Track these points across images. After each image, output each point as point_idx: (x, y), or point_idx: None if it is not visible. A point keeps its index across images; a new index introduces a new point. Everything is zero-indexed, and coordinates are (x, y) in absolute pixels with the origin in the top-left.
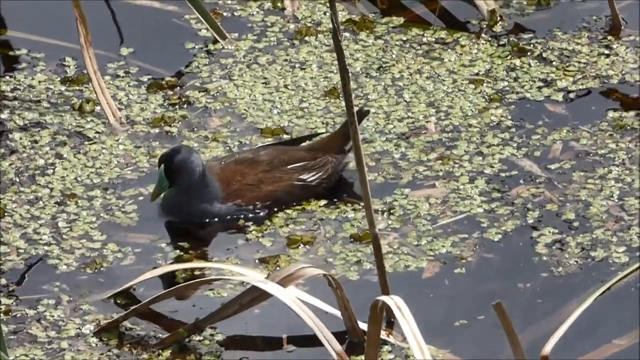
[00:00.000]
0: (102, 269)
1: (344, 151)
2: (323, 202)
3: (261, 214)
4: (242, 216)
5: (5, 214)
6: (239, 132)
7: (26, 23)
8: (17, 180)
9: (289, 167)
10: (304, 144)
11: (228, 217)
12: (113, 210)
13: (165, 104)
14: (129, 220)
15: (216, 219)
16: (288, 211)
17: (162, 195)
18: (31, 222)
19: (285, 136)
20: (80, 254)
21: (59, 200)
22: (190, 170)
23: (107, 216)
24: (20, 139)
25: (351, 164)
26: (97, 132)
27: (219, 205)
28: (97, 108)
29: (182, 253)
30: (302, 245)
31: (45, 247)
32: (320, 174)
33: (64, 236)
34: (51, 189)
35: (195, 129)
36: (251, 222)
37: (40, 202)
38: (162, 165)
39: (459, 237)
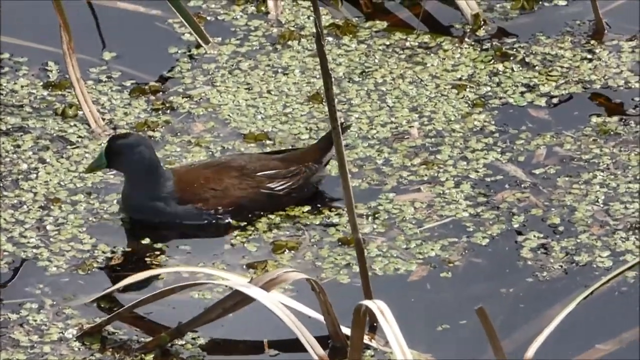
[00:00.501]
0: (93, 270)
1: (320, 163)
2: (306, 207)
3: (226, 220)
4: (205, 221)
5: None
6: (222, 138)
7: (9, 27)
8: (0, 184)
9: (258, 174)
10: (280, 154)
11: (188, 220)
12: (100, 214)
13: (148, 109)
14: (112, 224)
15: (177, 221)
16: (271, 216)
17: (97, 172)
18: (16, 227)
19: (268, 141)
20: (70, 256)
21: (43, 205)
22: (130, 158)
23: (94, 220)
24: (3, 143)
25: (333, 172)
26: (79, 137)
27: (176, 206)
28: (80, 113)
29: (165, 257)
30: (287, 251)
31: (34, 251)
32: (289, 183)
33: (51, 239)
34: (35, 194)
35: (178, 133)
36: (234, 228)
37: (25, 207)
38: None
39: (449, 240)
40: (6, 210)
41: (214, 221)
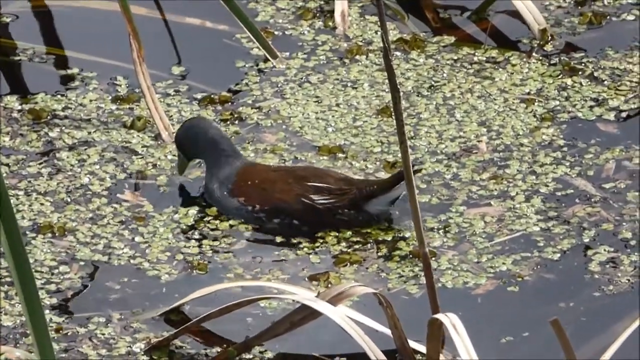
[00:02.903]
0: (201, 272)
1: (378, 195)
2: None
3: (269, 224)
4: (250, 219)
5: (67, 232)
6: (297, 147)
7: (80, 43)
8: (70, 198)
9: (308, 183)
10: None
11: (229, 212)
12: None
13: (217, 119)
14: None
15: (221, 210)
16: (343, 230)
17: (186, 169)
18: (95, 239)
19: (341, 154)
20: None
21: (123, 219)
22: (192, 143)
23: (169, 230)
24: (67, 157)
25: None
26: (144, 146)
27: (226, 195)
28: (149, 125)
29: (228, 259)
30: (349, 264)
31: (131, 261)
32: (332, 200)
33: (145, 250)
34: (115, 208)
35: (250, 143)
36: (303, 239)
37: (105, 220)
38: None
39: (521, 255)
40: (83, 224)
41: (254, 220)
